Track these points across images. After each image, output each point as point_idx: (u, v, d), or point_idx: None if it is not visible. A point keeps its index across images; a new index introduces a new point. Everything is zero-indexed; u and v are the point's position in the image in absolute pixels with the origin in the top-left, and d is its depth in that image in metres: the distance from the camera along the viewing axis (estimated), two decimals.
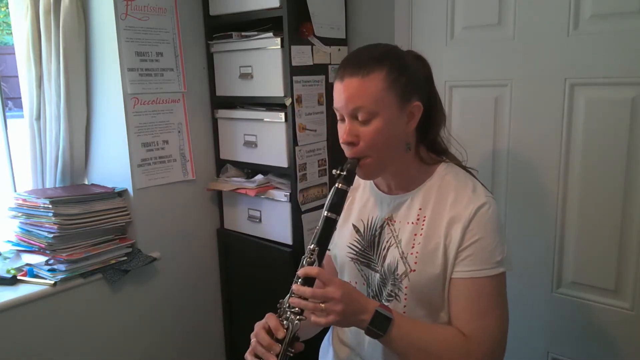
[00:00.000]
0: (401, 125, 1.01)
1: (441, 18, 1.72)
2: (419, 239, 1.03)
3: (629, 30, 1.37)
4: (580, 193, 1.52)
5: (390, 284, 1.05)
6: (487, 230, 0.99)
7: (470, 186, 1.04)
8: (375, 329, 0.94)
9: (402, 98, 0.99)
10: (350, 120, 1.00)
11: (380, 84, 0.97)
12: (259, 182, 1.97)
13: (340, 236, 1.17)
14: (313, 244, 0.99)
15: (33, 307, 1.65)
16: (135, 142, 1.86)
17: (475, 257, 0.98)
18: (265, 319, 1.00)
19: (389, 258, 1.06)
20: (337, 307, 0.92)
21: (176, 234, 2.05)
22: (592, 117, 1.46)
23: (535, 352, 1.67)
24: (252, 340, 1.00)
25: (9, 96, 2.00)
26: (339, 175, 1.01)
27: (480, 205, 1.00)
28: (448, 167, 1.09)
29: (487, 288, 0.98)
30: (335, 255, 1.18)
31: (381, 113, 0.97)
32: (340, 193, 1.00)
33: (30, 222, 1.74)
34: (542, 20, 1.51)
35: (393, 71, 0.98)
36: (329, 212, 1.00)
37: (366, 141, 0.99)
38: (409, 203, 1.07)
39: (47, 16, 1.77)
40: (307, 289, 0.94)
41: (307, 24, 1.80)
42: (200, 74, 2.07)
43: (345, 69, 0.99)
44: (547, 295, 1.62)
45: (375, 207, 1.13)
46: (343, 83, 0.99)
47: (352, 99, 0.97)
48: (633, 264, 1.45)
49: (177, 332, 2.12)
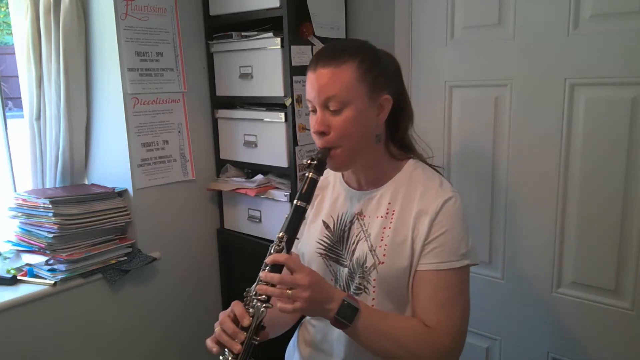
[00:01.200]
0: (371, 116, 1.03)
1: (441, 18, 1.72)
2: (388, 232, 1.04)
3: (629, 30, 1.37)
4: (580, 193, 1.52)
5: (359, 277, 1.06)
6: (453, 223, 1.01)
7: (437, 181, 1.07)
8: (342, 318, 0.95)
9: (373, 90, 1.01)
10: (321, 110, 1.02)
11: (352, 74, 0.99)
12: (259, 182, 1.97)
13: (309, 233, 1.17)
14: (282, 231, 1.00)
15: (33, 307, 1.65)
16: (135, 142, 1.86)
17: (441, 250, 1.00)
18: (231, 306, 1.00)
19: (357, 252, 1.07)
20: (304, 294, 0.92)
21: (176, 234, 2.05)
22: (592, 117, 1.46)
23: (535, 352, 1.67)
24: (216, 329, 0.99)
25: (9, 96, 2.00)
26: (309, 164, 1.02)
27: (447, 198, 1.02)
28: (416, 163, 1.12)
29: (452, 280, 1.01)
30: (303, 252, 1.18)
31: (352, 103, 0.99)
32: (311, 182, 1.01)
33: (30, 222, 1.74)
34: (542, 20, 1.51)
35: (365, 63, 1.00)
36: (299, 201, 1.01)
37: (337, 131, 1.01)
38: (379, 198, 1.09)
39: (47, 16, 1.77)
40: (275, 275, 0.94)
41: (307, 24, 1.80)
42: (200, 74, 2.07)
43: (318, 60, 1.01)
44: (547, 295, 1.62)
45: (345, 204, 1.14)
46: (316, 73, 1.01)
47: (324, 89, 0.99)
48: (633, 264, 1.45)
49: (177, 332, 2.12)
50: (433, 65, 1.77)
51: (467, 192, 1.72)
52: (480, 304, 1.73)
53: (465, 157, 1.74)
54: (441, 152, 1.78)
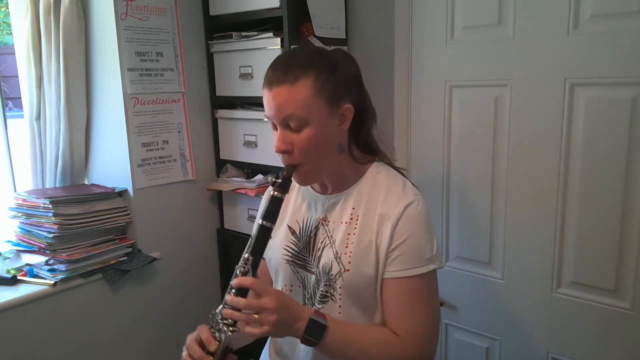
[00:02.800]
0: (333, 128, 1.01)
1: (441, 18, 1.72)
2: (353, 239, 1.03)
3: (629, 30, 1.37)
4: (580, 193, 1.52)
5: (324, 285, 1.05)
6: (415, 229, 1.00)
7: (401, 184, 1.06)
8: (310, 337, 0.94)
9: (332, 102, 0.99)
10: (282, 129, 0.99)
11: (309, 90, 0.95)
12: (259, 182, 1.97)
13: (275, 238, 1.14)
14: (247, 252, 0.97)
15: (33, 307, 1.65)
16: (135, 142, 1.86)
17: (405, 257, 0.99)
18: (197, 330, 0.99)
19: (323, 259, 1.06)
20: (271, 318, 0.91)
21: (176, 234, 2.05)
22: (592, 117, 1.46)
23: (535, 352, 1.67)
24: (184, 354, 0.98)
25: (9, 96, 2.00)
26: (274, 182, 0.99)
27: (409, 203, 1.01)
28: (380, 166, 1.10)
29: (418, 286, 1.00)
30: (270, 258, 1.16)
31: (312, 120, 0.97)
32: (276, 201, 0.99)
33: (30, 222, 1.74)
34: (542, 20, 1.51)
35: (320, 76, 0.97)
36: (264, 221, 0.98)
37: (300, 149, 0.98)
38: (343, 203, 1.07)
39: (47, 16, 1.77)
40: (241, 300, 0.93)
41: (307, 24, 1.80)
42: (200, 74, 2.07)
43: (273, 76, 0.97)
44: (547, 295, 1.61)
45: (310, 208, 1.12)
46: (271, 92, 0.97)
47: (282, 108, 0.96)
48: (633, 264, 1.45)
49: (177, 332, 2.10)
50: (433, 65, 1.76)
51: (467, 192, 1.72)
52: (480, 304, 1.73)
53: (465, 157, 1.74)
54: (441, 152, 1.78)
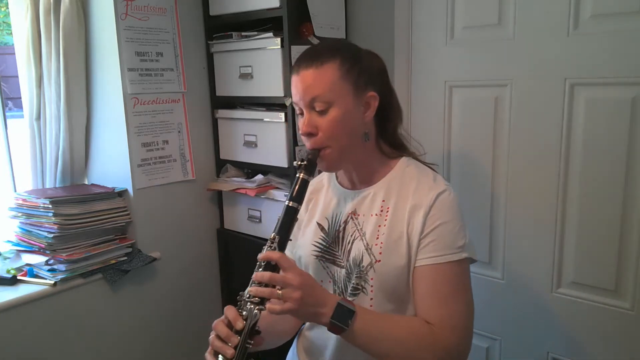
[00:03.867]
0: (358, 114, 1.03)
1: (441, 18, 1.72)
2: (383, 230, 1.03)
3: (629, 30, 1.37)
4: (580, 193, 1.52)
5: (356, 277, 1.05)
6: (447, 216, 1.00)
7: (431, 176, 1.07)
8: (338, 322, 0.93)
9: (357, 87, 1.01)
10: (308, 111, 1.02)
11: (335, 73, 0.99)
12: (259, 182, 1.97)
13: (304, 236, 1.16)
14: (274, 233, 0.99)
15: (33, 307, 1.65)
16: (135, 142, 1.86)
17: (438, 243, 0.99)
18: (224, 312, 0.99)
19: (353, 251, 1.06)
20: (294, 294, 0.91)
21: (176, 234, 2.05)
22: (592, 117, 1.46)
23: (535, 352, 1.67)
24: (211, 336, 0.97)
25: (9, 96, 2.00)
26: (299, 165, 1.02)
27: (441, 191, 1.01)
28: (409, 160, 1.11)
29: (451, 274, 0.99)
30: (299, 256, 1.17)
31: (337, 102, 1.00)
32: (302, 183, 1.01)
33: (30, 222, 1.74)
34: (542, 20, 1.51)
35: (346, 61, 1.00)
36: (291, 202, 1.00)
37: (325, 131, 1.01)
38: (372, 196, 1.08)
39: (47, 16, 1.77)
40: (266, 274, 0.93)
41: (307, 24, 1.80)
42: (200, 74, 2.07)
43: (300, 62, 1.02)
44: (547, 295, 1.61)
45: (339, 204, 1.13)
46: (299, 75, 1.01)
47: (308, 90, 1.00)
48: (633, 264, 1.45)
49: (177, 332, 2.12)
50: (433, 65, 1.76)
51: (467, 192, 1.72)
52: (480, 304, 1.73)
53: (465, 157, 1.74)
54: (441, 152, 1.78)
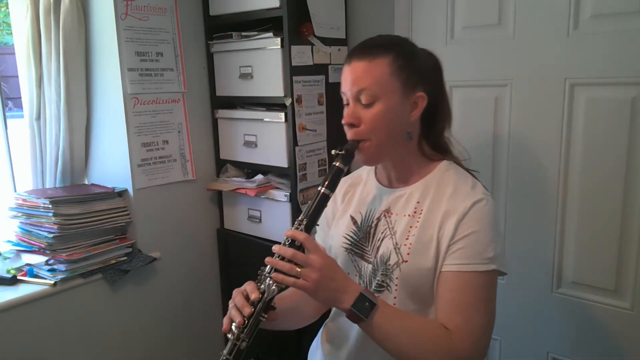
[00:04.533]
0: (404, 113, 1.02)
1: (441, 18, 1.72)
2: (414, 231, 1.03)
3: (629, 30, 1.37)
4: (580, 193, 1.52)
5: (381, 274, 1.05)
6: (481, 225, 0.98)
7: (470, 182, 1.05)
8: (358, 311, 0.93)
9: (406, 85, 1.01)
10: (353, 102, 1.02)
11: (386, 68, 0.99)
12: (259, 182, 1.97)
13: (337, 227, 1.17)
14: (303, 215, 0.99)
15: (33, 307, 1.65)
16: (135, 142, 1.86)
17: (466, 251, 0.97)
18: (244, 285, 1.00)
19: (382, 248, 1.06)
20: (313, 275, 0.91)
21: (176, 234, 2.05)
22: (592, 117, 1.46)
23: (535, 352, 1.67)
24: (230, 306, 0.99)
25: (9, 96, 2.00)
26: (337, 154, 1.02)
27: (478, 200, 0.99)
28: (450, 164, 1.10)
29: (475, 284, 0.97)
30: (330, 245, 1.18)
31: (384, 97, 0.99)
32: (337, 171, 1.01)
33: (30, 222, 1.74)
34: (542, 20, 1.51)
35: (399, 58, 1.00)
36: (324, 188, 1.00)
37: (367, 124, 1.01)
38: (408, 196, 1.07)
39: (47, 16, 1.77)
40: (289, 250, 0.94)
41: (307, 24, 1.80)
42: (200, 74, 2.07)
43: (354, 53, 1.02)
44: (547, 295, 1.62)
45: (375, 200, 1.13)
46: (350, 66, 1.01)
47: (357, 81, 1.00)
48: (633, 264, 1.45)
49: (177, 332, 2.12)
50: None
51: None
52: None
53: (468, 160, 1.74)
54: None
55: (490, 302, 1.00)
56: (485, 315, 0.98)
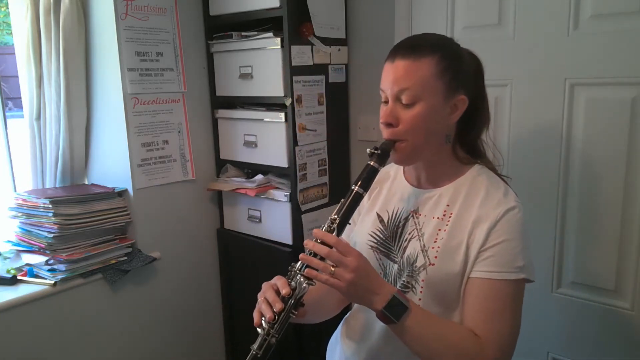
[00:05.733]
0: (443, 115, 1.00)
1: (441, 18, 1.72)
2: (443, 234, 1.02)
3: (629, 30, 1.37)
4: (580, 193, 1.52)
5: (407, 275, 1.04)
6: (512, 234, 0.98)
7: (502, 189, 1.03)
8: (389, 314, 0.92)
9: (449, 88, 0.99)
10: (393, 101, 1.00)
11: (430, 69, 0.97)
12: (259, 182, 1.97)
13: (363, 224, 1.16)
14: (335, 214, 0.98)
15: (33, 307, 1.65)
16: (135, 142, 1.86)
17: (497, 259, 0.97)
18: (274, 279, 1.00)
19: (409, 249, 1.05)
20: (347, 275, 0.91)
21: (176, 234, 2.05)
22: (592, 117, 1.46)
23: (535, 352, 1.67)
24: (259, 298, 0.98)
25: (9, 96, 2.00)
26: (372, 153, 1.01)
27: (510, 208, 0.99)
28: (482, 169, 1.08)
29: (504, 291, 0.97)
30: (355, 242, 1.17)
31: (425, 99, 0.97)
32: (371, 170, 1.00)
33: (30, 222, 1.74)
34: (542, 20, 1.51)
35: (445, 60, 0.98)
36: (357, 187, 0.99)
37: (405, 124, 0.99)
38: (437, 198, 1.06)
39: (47, 16, 1.77)
40: (324, 247, 0.93)
41: (307, 24, 1.80)
42: (200, 74, 2.07)
43: (398, 51, 1.00)
44: (547, 295, 1.61)
45: (402, 200, 1.12)
46: (394, 64, 0.99)
47: (399, 81, 0.98)
48: (633, 264, 1.45)
49: (177, 332, 2.12)
50: None
51: None
52: None
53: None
54: None
55: (518, 310, 1.00)
56: (512, 323, 0.98)
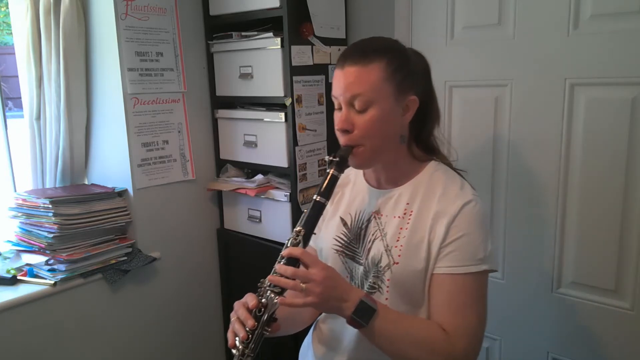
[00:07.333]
0: (396, 117, 1.02)
1: (441, 18, 1.72)
2: (404, 233, 1.03)
3: (629, 30, 1.37)
4: (580, 193, 1.52)
5: (373, 276, 1.06)
6: (471, 227, 0.99)
7: (459, 183, 1.06)
8: (359, 318, 0.94)
9: (400, 90, 1.01)
10: (347, 108, 1.01)
11: (380, 73, 0.98)
12: (259, 182, 1.97)
13: (327, 229, 1.17)
14: (300, 226, 0.99)
15: (33, 307, 1.65)
16: (135, 142, 1.86)
17: (458, 253, 0.99)
18: (245, 297, 1.00)
19: (373, 250, 1.07)
20: (317, 289, 0.91)
21: (176, 234, 2.05)
22: (592, 117, 1.46)
23: (535, 352, 1.67)
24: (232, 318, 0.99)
25: (9, 96, 2.00)
26: (331, 161, 1.02)
27: (467, 201, 1.01)
28: (438, 165, 1.11)
29: (469, 285, 0.99)
30: (321, 248, 1.18)
31: (378, 103, 0.99)
32: (332, 179, 1.01)
33: (30, 222, 1.74)
34: (542, 20, 1.51)
35: (393, 63, 1.00)
36: (319, 197, 1.00)
37: (361, 129, 1.00)
38: (397, 198, 1.08)
39: (47, 16, 1.77)
40: (290, 268, 0.94)
41: (307, 24, 1.80)
42: (200, 74, 2.07)
43: (347, 57, 1.01)
44: (547, 295, 1.61)
45: (364, 201, 1.13)
46: (343, 71, 1.00)
47: (351, 87, 0.99)
48: (633, 264, 1.45)
49: (177, 332, 2.12)
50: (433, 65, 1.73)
51: None
52: None
53: (465, 158, 1.73)
54: None
55: (483, 301, 1.02)
56: (479, 315, 1.00)
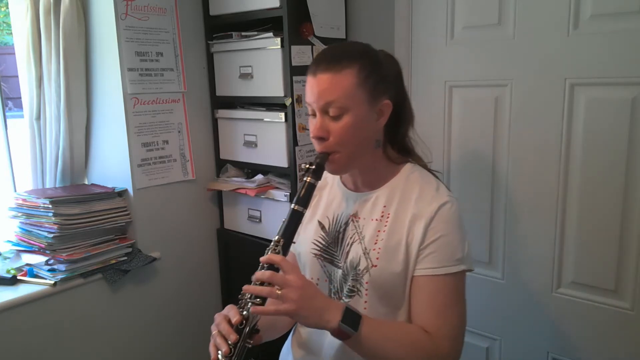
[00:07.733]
0: (371, 122, 1.03)
1: (441, 18, 1.72)
2: (382, 236, 1.04)
3: (629, 30, 1.37)
4: (580, 193, 1.52)
5: (351, 279, 1.06)
6: (449, 228, 1.01)
7: (434, 185, 1.07)
8: (348, 325, 0.92)
9: (373, 95, 1.01)
10: (321, 115, 1.01)
11: (352, 80, 0.98)
12: (259, 182, 1.97)
13: (306, 233, 1.17)
14: (278, 235, 0.99)
15: (33, 307, 1.65)
16: (135, 142, 1.86)
17: (437, 255, 1.00)
18: (225, 309, 0.99)
19: (351, 254, 1.07)
20: (293, 295, 0.90)
21: (176, 234, 2.05)
22: (592, 117, 1.46)
23: (535, 352, 1.67)
24: (213, 332, 0.97)
25: (9, 96, 2.00)
26: (307, 169, 1.02)
27: (443, 203, 1.01)
28: (414, 167, 1.11)
29: (448, 285, 1.00)
30: (299, 252, 1.18)
31: (351, 109, 0.99)
32: (309, 187, 1.01)
33: (30, 222, 1.74)
34: (542, 20, 1.51)
35: (365, 68, 0.99)
36: (297, 205, 1.01)
37: (336, 136, 1.00)
38: (374, 200, 1.08)
39: (47, 16, 1.77)
40: (266, 272, 0.93)
41: (307, 24, 1.80)
42: (200, 74, 2.07)
43: (319, 64, 1.00)
44: (547, 295, 1.62)
45: (341, 205, 1.14)
46: (316, 78, 1.00)
47: (324, 94, 0.99)
48: (633, 264, 1.45)
49: (177, 332, 2.12)
50: (433, 65, 1.76)
51: (467, 192, 1.72)
52: (480, 304, 1.73)
53: (465, 157, 1.74)
54: (441, 153, 1.78)
55: (463, 301, 1.03)
56: (460, 314, 1.02)
